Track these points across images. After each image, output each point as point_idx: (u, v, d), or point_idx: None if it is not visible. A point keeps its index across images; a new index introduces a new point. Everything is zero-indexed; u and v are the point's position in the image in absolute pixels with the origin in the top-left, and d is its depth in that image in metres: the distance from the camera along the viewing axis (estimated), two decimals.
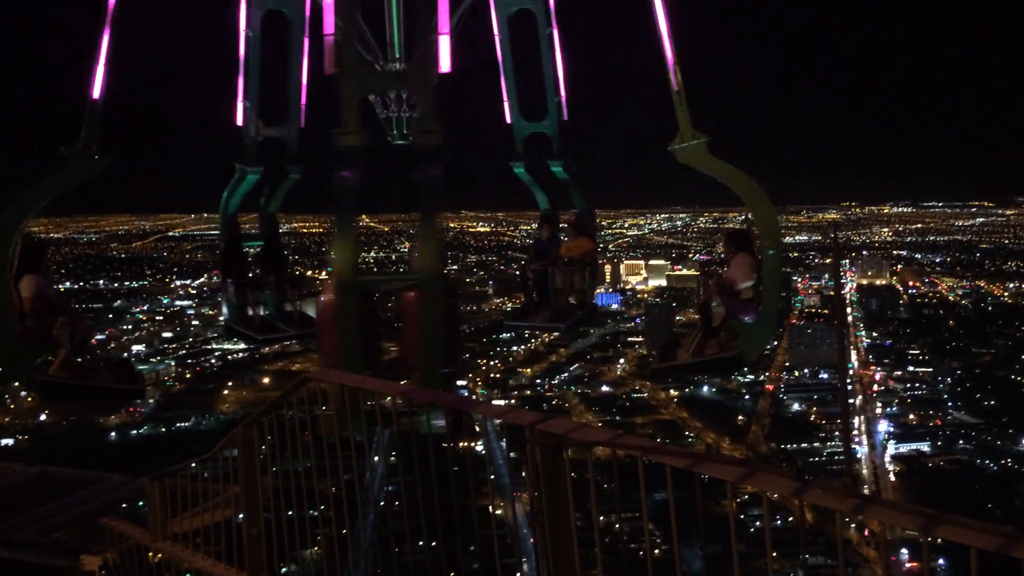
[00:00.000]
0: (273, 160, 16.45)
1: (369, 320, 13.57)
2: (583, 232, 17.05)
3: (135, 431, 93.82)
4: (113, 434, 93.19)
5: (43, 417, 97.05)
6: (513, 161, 17.07)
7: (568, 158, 16.95)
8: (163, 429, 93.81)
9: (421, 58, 12.74)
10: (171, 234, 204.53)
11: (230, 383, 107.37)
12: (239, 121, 15.87)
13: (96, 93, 12.23)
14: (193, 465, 9.40)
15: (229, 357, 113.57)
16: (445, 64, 12.68)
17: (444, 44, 12.63)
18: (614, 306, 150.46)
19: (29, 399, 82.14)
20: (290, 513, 7.75)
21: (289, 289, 16.43)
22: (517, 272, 19.10)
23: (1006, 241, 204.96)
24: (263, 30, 15.67)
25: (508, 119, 16.95)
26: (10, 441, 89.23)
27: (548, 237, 17.49)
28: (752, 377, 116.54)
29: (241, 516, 8.24)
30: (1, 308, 12.02)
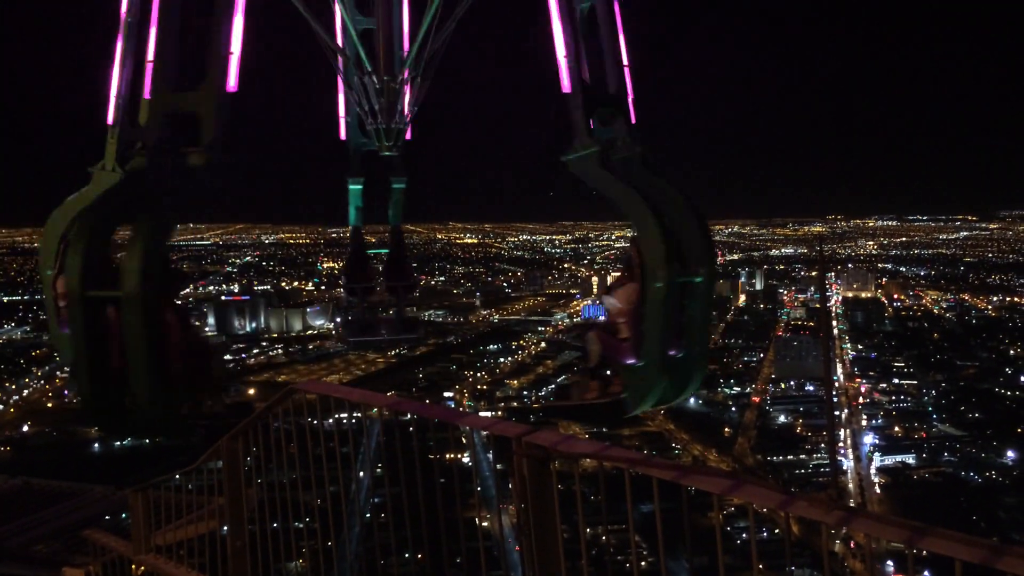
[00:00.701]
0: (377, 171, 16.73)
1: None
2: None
3: (118, 442, 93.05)
4: (96, 445, 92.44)
5: (25, 428, 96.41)
6: (351, 177, 16.76)
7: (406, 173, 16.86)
8: (147, 440, 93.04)
9: (209, 77, 11.93)
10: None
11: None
12: (342, 135, 16.17)
13: (110, 119, 12.06)
14: (177, 477, 9.33)
15: None
16: (231, 84, 11.51)
17: (231, 63, 11.48)
18: (601, 318, 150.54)
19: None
20: (275, 525, 7.70)
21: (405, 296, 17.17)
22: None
23: (990, 255, 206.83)
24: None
25: (343, 135, 16.67)
26: None
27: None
28: (738, 389, 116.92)
29: (225, 528, 8.18)
30: (47, 304, 11.54)
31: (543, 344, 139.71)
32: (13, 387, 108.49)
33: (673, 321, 11.04)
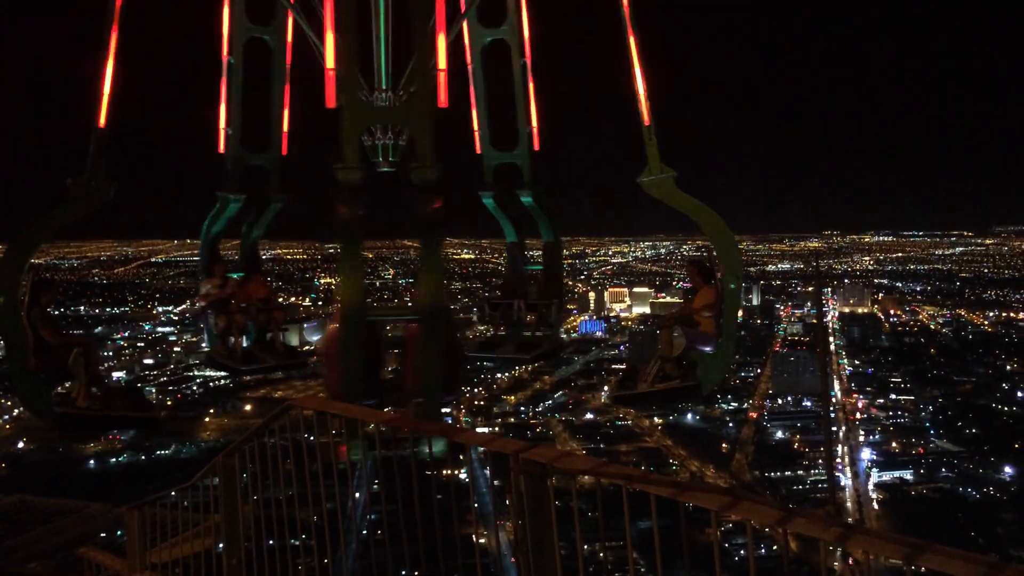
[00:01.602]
0: (256, 188, 16.40)
1: (374, 351, 13.60)
2: (551, 271, 17.31)
3: (114, 459, 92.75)
4: (92, 462, 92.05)
5: (20, 444, 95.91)
6: (482, 191, 17.01)
7: (539, 189, 16.93)
8: (143, 457, 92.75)
9: (419, 93, 12.65)
10: (153, 260, 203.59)
11: (211, 410, 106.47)
12: (221, 148, 15.81)
13: (102, 122, 12.24)
14: (173, 494, 9.30)
15: (211, 384, 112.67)
16: (443, 99, 12.75)
17: (442, 80, 12.70)
18: (598, 333, 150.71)
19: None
20: (271, 543, 7.66)
21: (271, 318, 16.28)
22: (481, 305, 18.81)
23: (985, 270, 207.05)
24: (245, 57, 15.70)
25: (478, 149, 16.96)
26: None
27: (513, 269, 17.48)
28: (736, 405, 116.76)
29: (221, 546, 8.15)
30: (14, 340, 12.12)
31: (541, 360, 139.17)
32: (9, 403, 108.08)
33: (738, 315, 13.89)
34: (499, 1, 16.30)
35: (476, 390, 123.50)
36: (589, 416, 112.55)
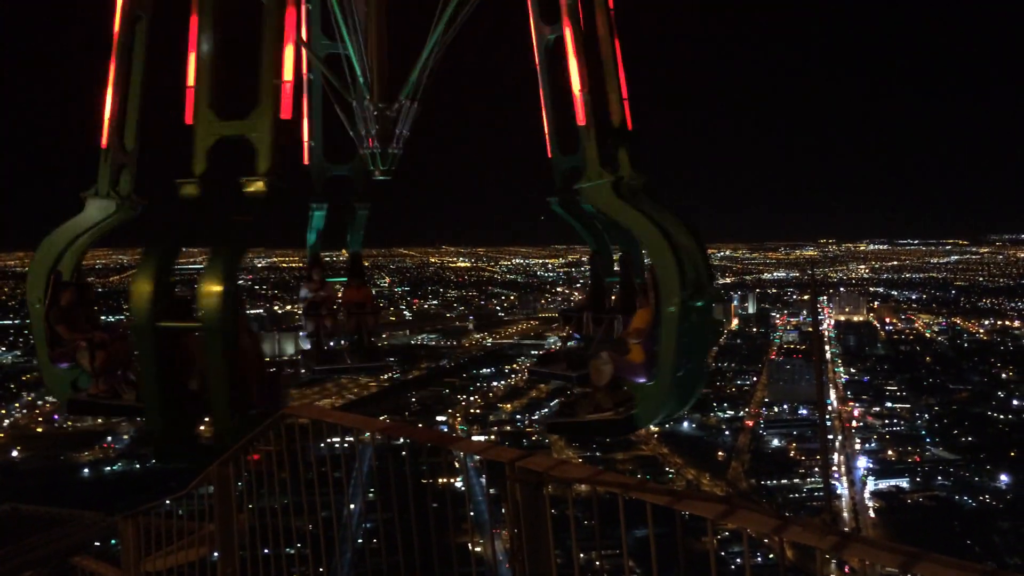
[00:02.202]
0: (340, 197, 16.83)
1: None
2: (626, 282, 15.15)
3: (108, 468, 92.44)
4: (86, 471, 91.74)
5: (15, 453, 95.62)
6: (551, 197, 16.23)
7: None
8: (137, 466, 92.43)
9: (262, 104, 11.80)
10: None
11: (206, 418, 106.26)
12: (306, 160, 16.27)
13: (104, 142, 12.27)
14: (167, 503, 9.27)
15: None
16: (284, 111, 11.83)
17: (285, 91, 11.68)
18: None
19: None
20: (266, 551, 7.63)
21: (363, 322, 16.78)
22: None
23: (980, 278, 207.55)
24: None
25: (548, 153, 16.25)
26: None
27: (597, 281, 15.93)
28: (732, 413, 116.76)
29: (216, 555, 8.12)
30: (35, 335, 12.86)
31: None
32: (3, 412, 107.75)
33: (683, 343, 11.45)
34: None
35: (472, 398, 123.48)
36: None
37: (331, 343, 16.75)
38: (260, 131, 11.21)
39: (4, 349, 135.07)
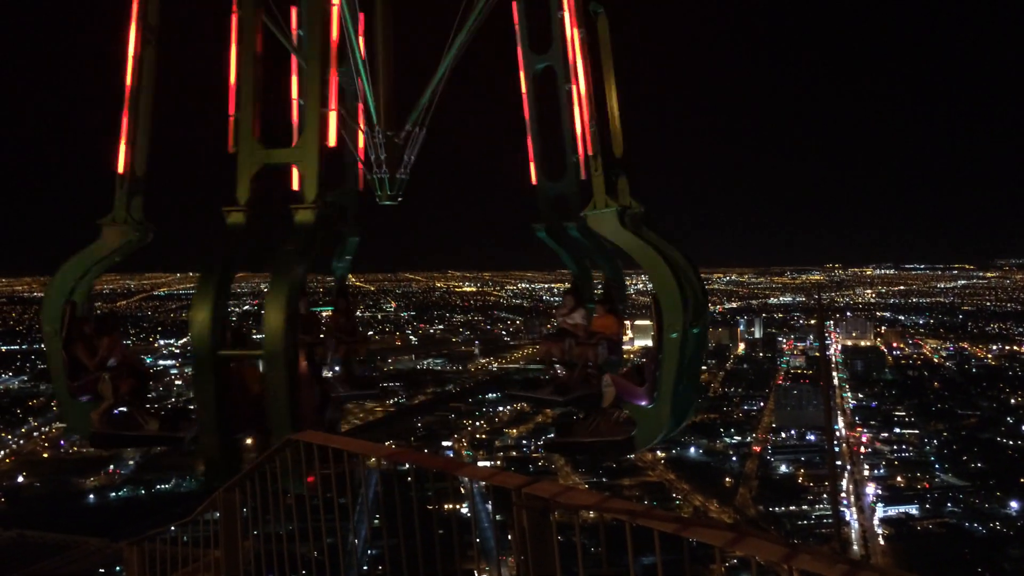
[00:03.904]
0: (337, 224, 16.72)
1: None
2: (612, 309, 16.10)
3: (114, 494, 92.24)
4: (91, 496, 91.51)
5: (20, 479, 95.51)
6: (536, 224, 16.42)
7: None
8: (142, 491, 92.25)
9: (307, 134, 12.02)
10: (156, 293, 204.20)
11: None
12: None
13: (121, 168, 12.35)
14: (173, 529, 9.25)
15: None
16: (331, 139, 11.93)
17: (331, 120, 11.84)
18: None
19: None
20: None
21: (351, 350, 16.58)
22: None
23: (988, 303, 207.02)
24: None
25: (534, 181, 16.41)
26: None
27: (572, 307, 15.79)
28: (739, 439, 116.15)
29: None
30: (52, 366, 12.53)
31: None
32: (9, 437, 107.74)
33: (684, 367, 11.99)
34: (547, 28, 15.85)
35: (478, 423, 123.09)
36: None
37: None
38: (307, 159, 11.53)
39: (11, 374, 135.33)
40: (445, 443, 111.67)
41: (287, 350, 10.64)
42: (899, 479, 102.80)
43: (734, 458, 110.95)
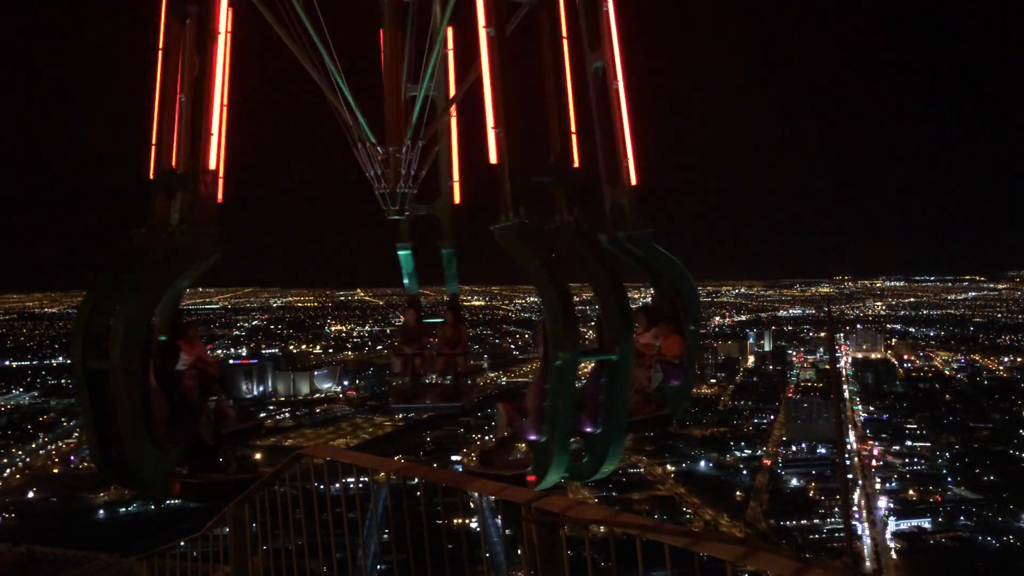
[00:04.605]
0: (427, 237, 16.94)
1: None
2: (459, 317, 17.12)
3: (123, 509, 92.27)
4: (101, 512, 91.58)
5: (30, 494, 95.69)
6: (400, 243, 16.85)
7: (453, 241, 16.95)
8: (152, 507, 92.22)
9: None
10: None
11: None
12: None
13: (152, 175, 12.20)
14: (183, 544, 9.24)
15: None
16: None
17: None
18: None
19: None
20: None
21: (453, 363, 16.64)
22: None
23: (999, 315, 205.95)
24: None
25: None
26: None
27: (415, 322, 17.25)
28: (749, 452, 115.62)
29: None
30: (126, 414, 10.32)
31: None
32: (20, 452, 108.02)
33: (574, 398, 11.01)
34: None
35: (487, 438, 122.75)
36: None
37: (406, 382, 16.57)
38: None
39: (22, 390, 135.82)
40: (454, 457, 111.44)
41: (129, 364, 10.15)
42: (911, 492, 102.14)
43: (745, 472, 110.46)
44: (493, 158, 11.50)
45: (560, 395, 10.80)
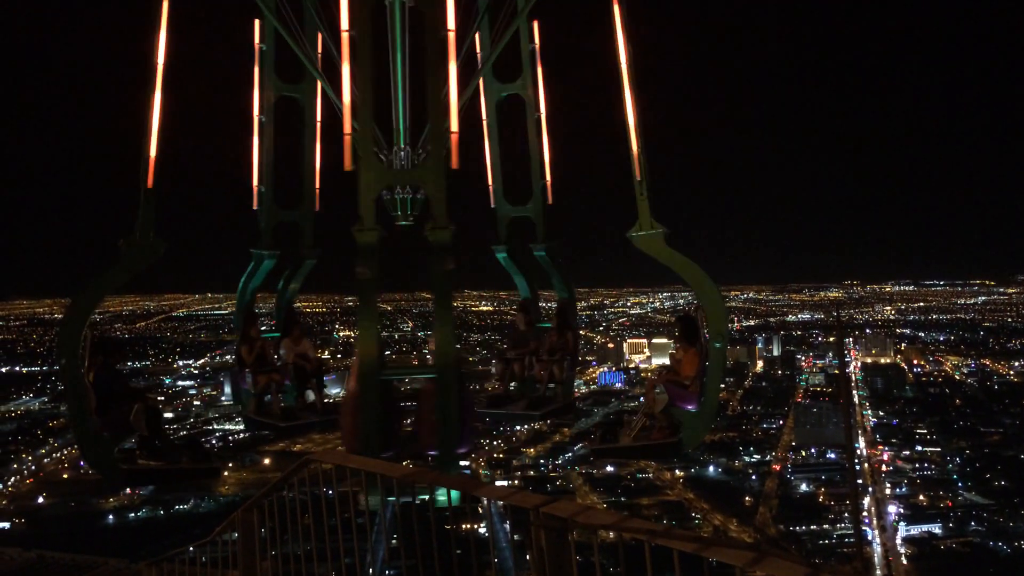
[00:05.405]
0: (289, 245, 16.51)
1: (389, 407, 13.78)
2: (567, 323, 16.79)
3: (133, 514, 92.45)
4: (111, 517, 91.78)
5: (40, 500, 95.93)
6: (496, 246, 16.98)
7: (553, 243, 16.80)
8: (161, 512, 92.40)
9: (434, 155, 13.06)
10: (175, 314, 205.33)
11: (230, 464, 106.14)
12: (255, 205, 15.89)
13: (150, 183, 12.53)
14: (191, 549, 9.25)
15: (230, 438, 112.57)
16: (455, 161, 13.11)
17: (455, 142, 13.03)
18: (617, 385, 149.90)
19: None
20: None
21: (309, 376, 16.30)
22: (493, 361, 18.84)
23: (1009, 319, 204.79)
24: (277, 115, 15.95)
25: (492, 203, 17.00)
26: (6, 525, 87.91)
27: (526, 326, 16.97)
28: (759, 457, 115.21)
29: None
30: (77, 400, 12.16)
31: (551, 418, 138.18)
32: (30, 458, 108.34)
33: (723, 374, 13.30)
34: (515, 57, 16.48)
35: (495, 443, 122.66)
36: (609, 468, 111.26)
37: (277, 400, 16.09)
38: (434, 181, 12.47)
39: (32, 396, 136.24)
40: (462, 463, 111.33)
41: (70, 361, 11.80)
42: (921, 497, 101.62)
43: (754, 477, 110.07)
44: (636, 174, 13.36)
45: (716, 372, 13.02)
